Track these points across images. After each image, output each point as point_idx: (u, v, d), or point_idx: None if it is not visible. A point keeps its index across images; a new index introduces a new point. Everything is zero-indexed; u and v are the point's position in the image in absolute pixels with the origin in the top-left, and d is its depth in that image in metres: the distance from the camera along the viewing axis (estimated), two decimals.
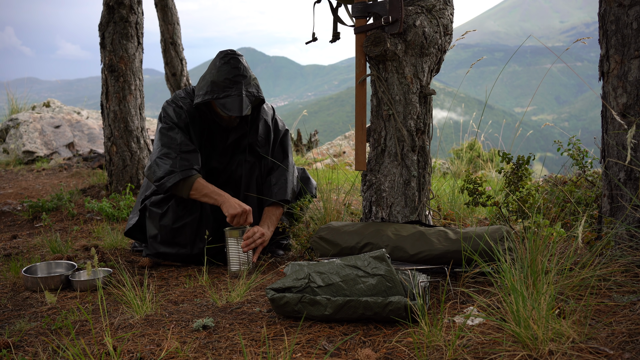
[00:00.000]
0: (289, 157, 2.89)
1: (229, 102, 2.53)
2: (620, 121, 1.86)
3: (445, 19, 2.38)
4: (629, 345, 1.37)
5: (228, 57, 2.59)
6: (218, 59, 2.61)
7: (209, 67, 2.67)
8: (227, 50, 2.63)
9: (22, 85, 12.18)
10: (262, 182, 2.81)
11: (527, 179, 2.52)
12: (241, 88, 2.55)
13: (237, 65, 2.58)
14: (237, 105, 2.53)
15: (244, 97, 2.55)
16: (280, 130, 2.91)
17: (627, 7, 1.86)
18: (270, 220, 2.71)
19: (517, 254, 1.81)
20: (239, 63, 2.59)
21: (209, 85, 2.58)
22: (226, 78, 2.55)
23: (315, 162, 7.34)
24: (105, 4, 4.48)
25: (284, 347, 1.61)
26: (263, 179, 2.82)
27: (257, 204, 2.77)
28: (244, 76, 2.58)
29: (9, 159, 7.56)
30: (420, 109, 2.39)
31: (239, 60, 2.60)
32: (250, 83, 2.60)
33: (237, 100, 2.53)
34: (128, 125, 4.51)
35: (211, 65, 2.64)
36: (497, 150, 5.91)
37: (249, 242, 2.52)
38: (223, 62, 2.58)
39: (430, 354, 1.47)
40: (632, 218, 1.89)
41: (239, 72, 2.57)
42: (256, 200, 2.77)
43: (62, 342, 1.76)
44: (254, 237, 2.53)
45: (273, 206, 2.75)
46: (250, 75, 2.62)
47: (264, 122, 2.83)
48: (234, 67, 2.57)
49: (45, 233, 3.44)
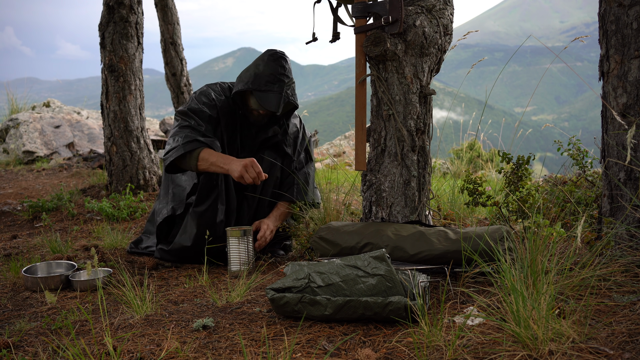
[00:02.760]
0: (313, 161, 2.98)
1: (268, 96, 2.58)
2: (620, 121, 1.86)
3: (445, 19, 2.38)
4: (629, 345, 1.37)
5: (277, 55, 2.64)
6: (267, 55, 2.66)
7: (254, 62, 2.71)
8: (277, 50, 2.68)
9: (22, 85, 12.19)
10: (281, 179, 2.84)
11: (527, 179, 2.52)
12: (283, 87, 2.61)
13: (284, 65, 2.64)
14: (275, 101, 2.58)
15: (284, 95, 2.60)
16: (308, 135, 3.01)
17: (627, 7, 1.86)
18: (279, 214, 2.76)
19: (517, 254, 1.81)
20: (285, 64, 2.65)
21: (252, 77, 2.62)
22: (271, 73, 2.60)
23: (315, 162, 7.35)
24: (105, 4, 4.48)
25: (284, 347, 1.61)
26: (282, 179, 2.85)
27: (269, 203, 2.81)
28: (288, 77, 2.64)
29: (9, 159, 7.56)
30: (420, 109, 2.39)
31: (287, 61, 2.66)
32: (290, 86, 2.66)
33: (277, 97, 2.58)
34: (128, 125, 4.51)
35: (257, 60, 2.68)
36: (497, 150, 5.91)
37: (261, 242, 2.60)
38: (272, 59, 2.63)
39: (430, 354, 1.47)
40: (632, 218, 1.89)
41: (285, 71, 2.63)
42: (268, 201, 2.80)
43: (62, 342, 1.76)
44: (265, 235, 2.61)
45: (287, 203, 2.81)
46: (292, 79, 2.68)
47: (294, 125, 2.90)
48: (281, 65, 2.62)
49: (45, 233, 3.44)
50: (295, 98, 2.70)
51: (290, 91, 2.66)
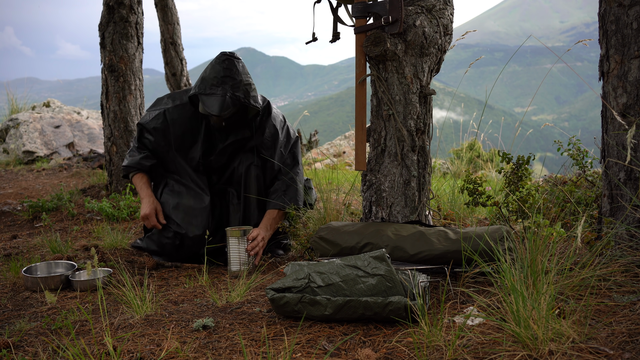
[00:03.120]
0: (300, 164, 2.91)
1: (210, 99, 2.54)
2: (620, 121, 1.86)
3: (445, 19, 2.38)
4: (629, 345, 1.37)
5: (223, 57, 2.60)
6: (215, 58, 2.64)
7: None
8: (227, 52, 2.65)
9: (22, 85, 12.18)
10: (264, 184, 2.82)
11: (527, 179, 2.52)
12: (226, 89, 2.55)
13: (229, 66, 2.58)
14: (216, 104, 2.53)
15: (227, 98, 2.54)
16: (292, 137, 2.93)
17: (627, 7, 1.86)
18: (270, 223, 2.73)
19: (517, 254, 1.81)
20: (232, 65, 2.58)
21: (199, 81, 2.62)
22: (215, 76, 2.57)
23: (315, 162, 7.34)
24: (105, 4, 4.48)
25: (284, 347, 1.61)
26: (266, 181, 2.83)
27: (256, 204, 2.78)
28: (233, 78, 2.57)
29: (9, 159, 7.56)
30: (420, 109, 2.39)
31: (234, 63, 2.59)
32: (239, 87, 2.58)
33: (219, 99, 2.53)
34: (128, 125, 4.51)
35: (208, 64, 2.68)
36: (497, 150, 5.91)
37: (254, 244, 2.57)
38: (218, 62, 2.60)
39: (430, 354, 1.47)
40: (632, 218, 1.89)
41: (229, 73, 2.57)
42: (256, 201, 2.78)
43: (62, 342, 1.76)
44: (257, 241, 2.58)
45: (276, 209, 2.77)
46: (242, 80, 2.59)
47: (272, 127, 2.83)
48: (226, 68, 2.57)
49: (45, 233, 3.44)
50: (249, 99, 2.61)
51: (240, 92, 2.57)
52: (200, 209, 2.71)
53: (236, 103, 2.57)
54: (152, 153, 2.83)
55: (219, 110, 2.52)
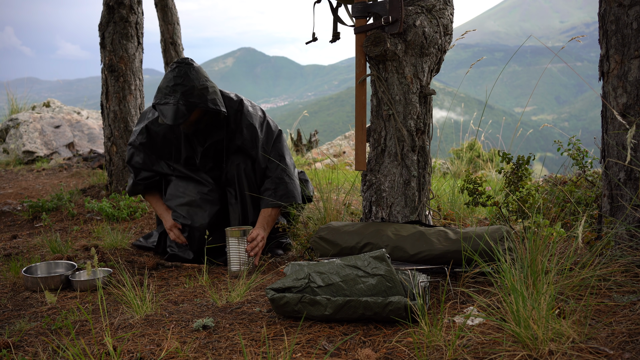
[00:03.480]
0: (286, 158, 2.87)
1: (165, 109, 2.53)
2: (620, 121, 1.86)
3: (445, 19, 2.38)
4: (629, 345, 1.37)
5: (174, 65, 2.59)
6: (170, 66, 2.64)
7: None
8: (180, 59, 2.63)
9: (22, 85, 12.18)
10: (255, 181, 2.82)
11: (527, 179, 2.52)
12: (178, 97, 2.51)
13: (179, 74, 2.55)
14: (170, 113, 2.51)
15: (180, 106, 2.51)
16: (274, 132, 2.88)
17: (627, 7, 1.86)
18: (266, 222, 2.73)
19: (517, 254, 1.81)
20: (182, 72, 2.55)
21: (156, 91, 2.62)
22: (167, 85, 2.55)
23: (315, 162, 7.34)
24: (105, 4, 4.48)
25: (284, 347, 1.61)
26: (257, 178, 2.83)
27: (252, 203, 2.80)
28: (184, 85, 2.53)
29: (9, 159, 7.56)
30: (420, 109, 2.39)
31: (184, 70, 2.56)
32: (192, 93, 2.53)
33: (171, 108, 2.51)
34: (128, 125, 4.51)
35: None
36: (497, 150, 5.91)
37: (253, 245, 2.57)
38: (170, 70, 2.60)
39: (430, 354, 1.47)
40: (632, 218, 1.89)
41: (180, 80, 2.54)
42: (251, 200, 2.79)
43: (62, 342, 1.76)
44: (257, 241, 2.59)
45: (270, 208, 2.76)
46: (194, 85, 2.55)
47: (249, 125, 2.77)
48: (176, 76, 2.55)
49: (45, 233, 3.44)
50: (206, 103, 2.57)
51: (197, 97, 2.54)
52: (202, 200, 2.76)
53: (191, 109, 2.53)
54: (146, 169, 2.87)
55: (172, 119, 2.50)
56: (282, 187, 2.77)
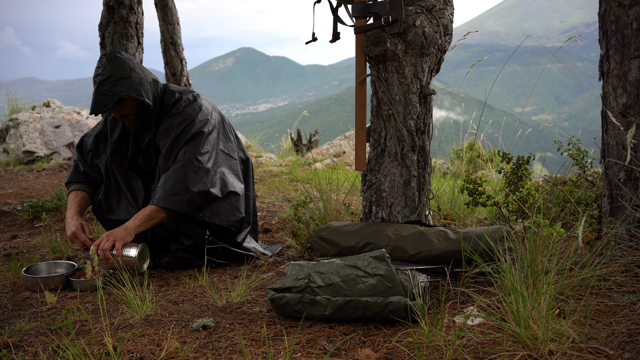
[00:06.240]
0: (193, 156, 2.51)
1: (92, 101, 2.49)
2: (617, 122, 1.86)
3: (445, 19, 2.38)
4: (629, 345, 1.37)
5: (100, 57, 2.56)
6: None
7: None
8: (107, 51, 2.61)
9: (22, 85, 12.18)
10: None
11: (527, 179, 2.52)
12: (98, 87, 2.48)
13: (100, 65, 2.52)
14: (92, 105, 2.48)
15: (100, 97, 2.45)
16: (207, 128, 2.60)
17: (627, 7, 1.86)
18: (135, 217, 2.46)
19: (517, 254, 1.81)
20: (104, 63, 2.51)
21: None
22: (93, 79, 2.53)
23: (315, 162, 7.34)
24: (105, 4, 4.49)
25: (284, 347, 1.61)
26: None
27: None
28: (103, 75, 2.47)
29: (9, 159, 7.56)
30: (420, 109, 2.39)
31: (105, 60, 2.51)
32: (115, 83, 2.45)
33: (94, 99, 2.48)
34: None
35: None
36: (497, 150, 5.91)
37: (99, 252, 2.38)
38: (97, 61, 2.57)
39: (430, 354, 1.47)
40: (632, 218, 1.89)
41: (100, 71, 2.50)
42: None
43: (62, 342, 1.76)
44: (101, 246, 2.37)
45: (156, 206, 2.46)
46: (115, 75, 2.46)
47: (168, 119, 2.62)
48: (98, 67, 2.53)
49: (45, 233, 3.44)
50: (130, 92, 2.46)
51: (119, 87, 2.45)
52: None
53: (113, 98, 2.45)
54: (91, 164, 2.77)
55: (92, 109, 2.47)
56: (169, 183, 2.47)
